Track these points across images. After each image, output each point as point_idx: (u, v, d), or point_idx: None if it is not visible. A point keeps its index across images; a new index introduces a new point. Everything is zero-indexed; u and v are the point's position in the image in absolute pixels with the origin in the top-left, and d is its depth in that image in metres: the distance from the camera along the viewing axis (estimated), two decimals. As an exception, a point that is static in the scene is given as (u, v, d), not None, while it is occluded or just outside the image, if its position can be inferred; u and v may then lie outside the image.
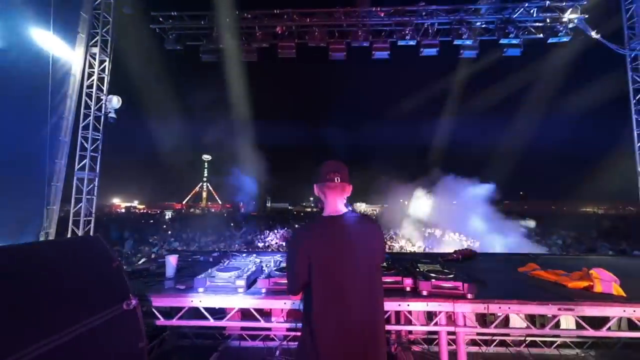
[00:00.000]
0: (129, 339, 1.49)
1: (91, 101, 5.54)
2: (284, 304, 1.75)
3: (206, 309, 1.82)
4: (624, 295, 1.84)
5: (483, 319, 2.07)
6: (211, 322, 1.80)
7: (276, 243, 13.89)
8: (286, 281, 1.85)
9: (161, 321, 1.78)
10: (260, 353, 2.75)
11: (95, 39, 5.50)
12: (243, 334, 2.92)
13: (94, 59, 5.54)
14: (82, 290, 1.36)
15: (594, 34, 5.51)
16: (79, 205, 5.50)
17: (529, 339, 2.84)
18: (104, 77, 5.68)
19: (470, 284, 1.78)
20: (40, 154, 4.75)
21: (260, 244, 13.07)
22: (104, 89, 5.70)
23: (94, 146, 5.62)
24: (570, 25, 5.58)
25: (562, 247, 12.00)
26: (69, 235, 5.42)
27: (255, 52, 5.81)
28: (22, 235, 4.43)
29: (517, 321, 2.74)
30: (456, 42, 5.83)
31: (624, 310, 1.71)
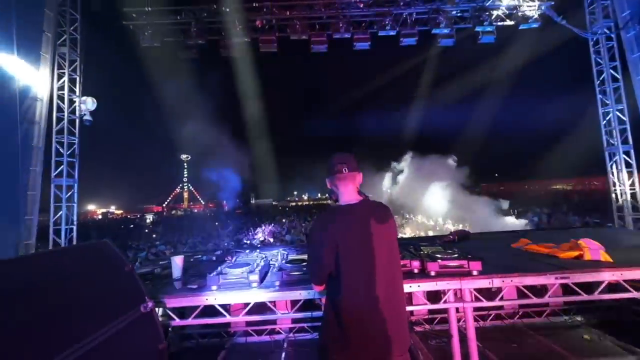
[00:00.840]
0: (149, 341, 1.46)
1: (64, 104, 5.19)
2: (299, 295, 1.77)
3: (219, 305, 1.81)
4: (611, 260, 2.01)
5: (486, 296, 2.13)
6: (228, 318, 1.79)
7: (265, 239, 13.77)
8: (298, 273, 1.89)
9: (177, 321, 1.75)
10: (267, 346, 2.77)
11: (64, 38, 5.13)
12: (249, 329, 2.91)
13: (64, 59, 5.16)
14: (99, 296, 1.32)
15: (559, 20, 5.82)
16: (59, 214, 5.19)
17: (521, 310, 3.02)
18: (75, 78, 5.32)
19: (475, 261, 1.89)
20: (12, 163, 4.41)
21: (247, 242, 12.93)
22: (77, 90, 5.35)
23: (70, 151, 5.29)
24: (539, 12, 5.87)
25: (538, 223, 12.76)
26: (50, 246, 5.12)
27: (235, 47, 5.64)
28: (0, 249, 4.12)
29: (510, 295, 2.95)
30: (434, 31, 5.97)
31: (613, 275, 1.85)
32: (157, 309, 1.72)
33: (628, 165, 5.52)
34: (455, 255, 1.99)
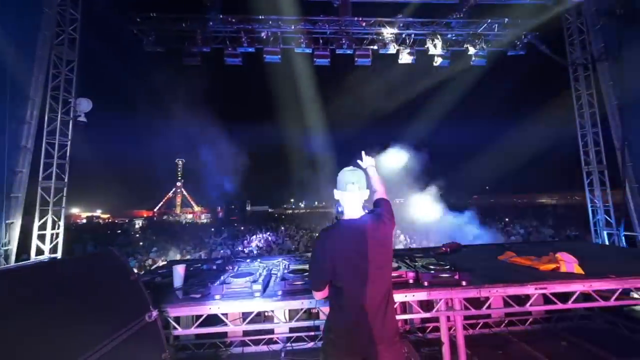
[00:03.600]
0: (152, 351, 1.48)
1: (57, 104, 5.10)
2: (301, 304, 1.83)
3: (215, 315, 1.84)
4: (583, 272, 2.22)
5: (473, 305, 2.29)
6: (230, 327, 1.83)
7: (257, 247, 13.54)
8: (301, 283, 1.97)
9: (179, 331, 1.77)
10: (265, 357, 2.78)
11: (61, 37, 5.08)
12: (246, 339, 2.92)
13: (61, 58, 5.10)
14: (106, 306, 1.34)
15: (543, 49, 6.31)
16: (45, 218, 5.02)
17: (507, 319, 3.23)
18: (72, 79, 5.26)
19: (464, 273, 2.03)
20: (-4, 165, 4.29)
21: (246, 250, 12.71)
22: (72, 90, 5.27)
23: (61, 152, 5.17)
24: (525, 40, 6.34)
25: (525, 236, 13.22)
26: (32, 252, 4.92)
27: (240, 56, 5.77)
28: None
29: (497, 305, 3.14)
30: (430, 52, 6.34)
31: (583, 285, 2.06)
32: (168, 318, 1.74)
33: (602, 184, 5.92)
34: (447, 267, 2.13)
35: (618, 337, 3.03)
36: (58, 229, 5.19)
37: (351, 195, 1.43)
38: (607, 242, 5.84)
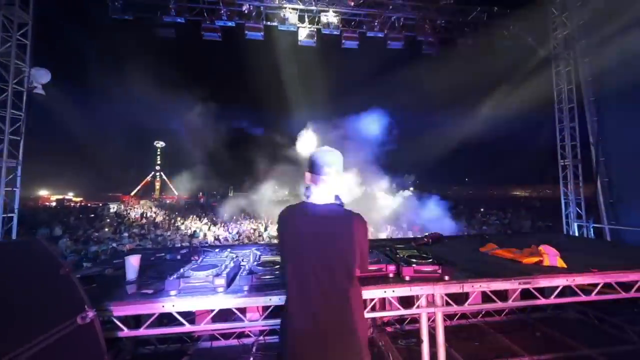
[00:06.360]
0: (88, 356, 1.26)
1: (7, 73, 4.49)
2: (270, 300, 1.65)
3: (179, 313, 1.63)
4: (565, 266, 2.17)
5: (453, 298, 2.19)
6: (187, 327, 1.62)
7: (239, 234, 13.30)
8: (270, 277, 1.78)
9: (125, 332, 1.53)
10: (235, 351, 2.62)
11: (11, -5, 4.42)
12: (215, 333, 2.73)
13: (12, 20, 4.46)
14: (24, 306, 1.09)
15: (530, 41, 6.31)
16: (-5, 201, 4.51)
17: (484, 310, 3.22)
18: (25, 44, 4.64)
19: (447, 266, 1.91)
20: None
21: (225, 235, 12.42)
22: (26, 58, 4.66)
23: (13, 128, 4.60)
24: (513, 31, 6.30)
25: (499, 226, 13.80)
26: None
27: (219, 31, 5.30)
28: None
29: (476, 297, 3.13)
30: (419, 37, 6.14)
31: (567, 280, 2.01)
32: (113, 318, 1.51)
33: (576, 177, 6.11)
34: (430, 260, 2.00)
35: (588, 327, 3.12)
36: (13, 212, 4.69)
37: (325, 180, 1.24)
38: (576, 233, 6.08)
